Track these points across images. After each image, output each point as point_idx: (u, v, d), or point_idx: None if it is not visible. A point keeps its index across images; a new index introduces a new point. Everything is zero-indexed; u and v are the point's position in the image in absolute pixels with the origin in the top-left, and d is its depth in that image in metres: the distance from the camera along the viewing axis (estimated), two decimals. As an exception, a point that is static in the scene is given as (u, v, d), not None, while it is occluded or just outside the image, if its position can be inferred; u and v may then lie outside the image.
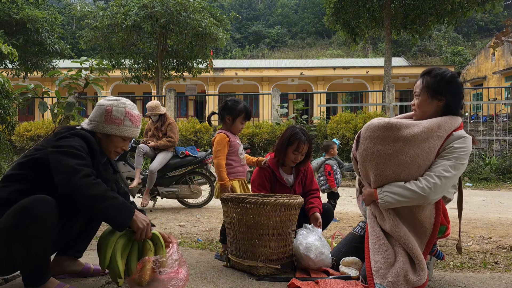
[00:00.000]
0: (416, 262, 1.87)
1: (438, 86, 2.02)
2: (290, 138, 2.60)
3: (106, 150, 2.01)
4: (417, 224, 1.94)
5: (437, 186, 1.84)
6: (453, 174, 1.87)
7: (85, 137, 1.86)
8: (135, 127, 2.03)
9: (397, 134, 1.92)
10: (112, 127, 1.96)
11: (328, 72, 22.96)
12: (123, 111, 1.98)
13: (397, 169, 1.92)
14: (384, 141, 1.94)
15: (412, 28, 13.03)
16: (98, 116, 1.97)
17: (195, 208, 5.27)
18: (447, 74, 2.04)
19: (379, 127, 1.96)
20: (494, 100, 15.21)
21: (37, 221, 1.59)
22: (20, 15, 12.07)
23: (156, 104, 5.22)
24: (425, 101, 2.05)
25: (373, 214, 2.05)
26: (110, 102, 1.99)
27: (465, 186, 8.64)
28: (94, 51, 24.50)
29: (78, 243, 2.09)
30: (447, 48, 34.20)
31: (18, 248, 1.59)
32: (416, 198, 1.86)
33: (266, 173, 2.70)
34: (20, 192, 1.71)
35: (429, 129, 1.93)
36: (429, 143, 1.92)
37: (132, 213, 1.78)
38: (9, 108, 4.51)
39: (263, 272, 2.21)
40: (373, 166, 1.98)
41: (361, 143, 2.04)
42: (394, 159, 1.92)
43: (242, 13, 42.40)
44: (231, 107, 2.72)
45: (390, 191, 1.92)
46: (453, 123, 1.97)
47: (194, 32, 12.02)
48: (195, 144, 10.45)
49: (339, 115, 10.72)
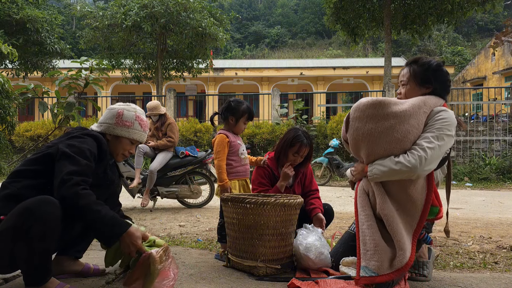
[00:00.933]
0: (395, 242, 1.87)
1: (426, 75, 2.05)
2: (292, 140, 2.61)
3: (114, 152, 2.08)
4: (408, 201, 1.93)
5: (422, 158, 1.82)
6: (437, 145, 1.85)
7: (96, 138, 1.92)
8: (143, 132, 2.12)
9: (387, 110, 1.91)
10: (122, 129, 2.05)
11: (328, 72, 22.96)
12: (133, 114, 2.09)
13: (389, 146, 1.91)
14: (374, 119, 1.93)
15: (412, 28, 13.02)
16: (109, 119, 2.05)
17: (195, 208, 5.27)
18: (433, 63, 2.08)
19: (368, 106, 1.95)
20: (494, 100, 15.21)
21: (41, 222, 1.60)
22: (20, 15, 12.07)
23: (156, 104, 5.22)
24: (413, 89, 2.08)
25: (365, 191, 2.04)
26: (121, 106, 2.10)
27: (465, 186, 8.65)
28: (94, 51, 24.52)
29: (78, 243, 2.10)
30: (447, 48, 34.21)
31: (22, 247, 1.60)
32: (404, 170, 1.84)
33: (266, 172, 2.71)
34: (30, 187, 1.74)
35: (415, 105, 1.94)
36: (417, 119, 1.92)
37: (123, 231, 1.72)
38: (9, 108, 4.51)
39: (263, 272, 2.21)
40: (365, 145, 1.97)
41: (351, 124, 2.03)
42: (385, 137, 1.91)
43: (242, 13, 42.42)
44: (235, 107, 2.73)
45: (379, 163, 1.92)
46: (437, 102, 2.00)
47: (194, 32, 12.02)
48: (195, 144, 10.45)
49: (339, 115, 10.71)
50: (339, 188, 8.27)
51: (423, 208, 1.92)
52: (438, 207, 1.98)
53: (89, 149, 1.83)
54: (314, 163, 8.89)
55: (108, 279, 2.05)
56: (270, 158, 2.75)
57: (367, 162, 2.01)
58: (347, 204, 5.69)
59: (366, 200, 2.01)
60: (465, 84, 24.32)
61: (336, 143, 8.77)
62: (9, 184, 1.76)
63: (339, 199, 6.44)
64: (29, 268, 1.65)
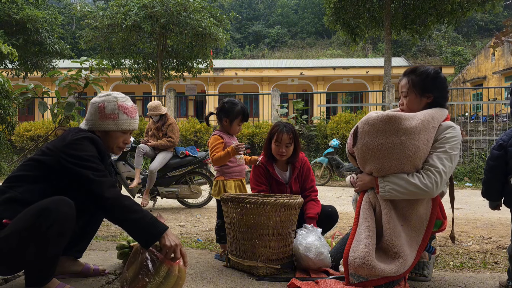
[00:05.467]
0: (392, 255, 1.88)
1: (425, 84, 2.06)
2: (271, 131, 2.64)
3: (108, 147, 2.00)
4: (414, 215, 1.94)
5: (439, 182, 1.86)
6: (450, 166, 1.89)
7: (93, 140, 1.86)
8: (131, 119, 2.01)
9: (397, 126, 1.90)
10: (108, 122, 1.95)
11: (328, 72, 22.94)
12: (115, 105, 1.97)
13: (399, 162, 1.90)
14: (384, 135, 1.92)
15: (412, 28, 13.01)
16: (93, 115, 1.96)
17: (195, 208, 5.27)
18: (431, 71, 2.08)
19: (379, 120, 1.94)
20: (494, 100, 15.21)
21: (59, 222, 1.60)
22: (20, 15, 12.06)
23: (157, 104, 5.22)
24: (414, 99, 2.08)
25: (372, 204, 2.03)
26: (101, 99, 1.98)
27: (465, 186, 8.65)
28: (94, 51, 24.53)
29: (78, 244, 2.09)
30: (447, 48, 34.22)
31: (34, 248, 1.59)
32: (420, 193, 1.87)
33: (261, 170, 2.71)
34: (31, 192, 1.72)
35: (425, 120, 1.94)
36: (427, 135, 1.92)
37: (164, 229, 1.72)
38: (9, 108, 4.51)
39: (263, 272, 2.21)
40: (374, 161, 1.95)
41: (359, 138, 2.00)
42: (395, 153, 1.90)
43: (242, 13, 42.39)
44: (228, 109, 2.71)
45: (392, 182, 1.90)
46: (443, 115, 2.02)
47: (194, 32, 12.02)
48: (195, 144, 10.45)
49: (339, 115, 10.72)
50: (339, 188, 8.27)
51: (428, 223, 1.95)
52: (442, 220, 2.00)
53: (93, 155, 1.81)
54: (314, 163, 8.90)
55: (108, 279, 2.05)
56: (263, 156, 2.76)
57: (376, 175, 1.99)
58: (347, 204, 5.69)
59: (371, 212, 2.00)
60: (465, 84, 24.32)
61: (336, 143, 8.76)
62: (8, 188, 1.74)
63: (339, 199, 6.44)
64: (35, 269, 1.65)
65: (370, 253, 1.85)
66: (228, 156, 2.60)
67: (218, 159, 2.62)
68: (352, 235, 1.98)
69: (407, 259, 1.88)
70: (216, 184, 2.72)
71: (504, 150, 2.10)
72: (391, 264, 1.86)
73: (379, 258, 1.88)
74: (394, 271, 1.84)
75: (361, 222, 1.99)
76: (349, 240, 1.97)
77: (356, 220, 2.03)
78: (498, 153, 2.12)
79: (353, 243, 1.93)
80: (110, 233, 3.52)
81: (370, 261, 1.82)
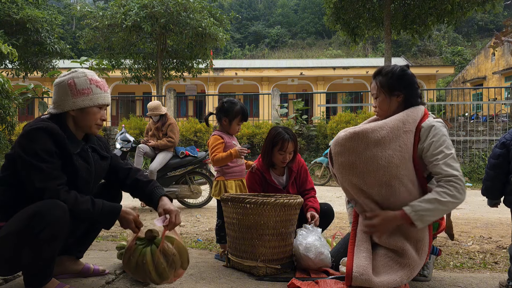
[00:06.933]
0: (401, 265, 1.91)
1: (391, 83, 2.04)
2: (274, 139, 2.59)
3: (86, 126, 1.86)
4: (413, 230, 1.93)
5: (463, 185, 1.84)
6: (458, 166, 1.87)
7: (49, 130, 1.70)
8: (105, 93, 1.88)
9: (366, 140, 1.92)
10: (83, 99, 1.80)
11: (328, 72, 22.94)
12: (86, 79, 1.82)
13: (377, 174, 1.91)
14: (355, 151, 1.94)
15: (412, 28, 13.01)
16: (63, 95, 1.80)
17: (195, 208, 5.27)
18: (396, 69, 2.07)
19: (347, 139, 1.96)
20: (494, 100, 15.21)
21: (51, 226, 1.59)
22: (20, 15, 12.05)
23: (157, 104, 5.22)
24: (384, 100, 2.07)
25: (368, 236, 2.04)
26: (68, 76, 1.82)
27: (465, 186, 8.64)
28: (94, 51, 24.52)
29: (79, 244, 2.09)
30: (447, 48, 34.24)
31: (28, 251, 1.59)
32: (455, 206, 1.85)
33: (257, 177, 2.69)
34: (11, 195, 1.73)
35: (394, 127, 1.93)
36: (399, 141, 1.92)
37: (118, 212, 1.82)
38: (9, 108, 4.51)
39: (263, 272, 2.21)
40: (354, 178, 1.97)
41: (334, 160, 2.03)
42: (370, 166, 1.91)
43: (242, 13, 42.40)
44: (228, 109, 2.70)
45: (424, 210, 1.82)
46: (417, 114, 1.98)
47: (194, 32, 12.01)
48: (195, 144, 10.45)
49: (339, 115, 10.71)
50: (339, 188, 8.27)
51: (429, 229, 1.97)
52: (439, 222, 2.02)
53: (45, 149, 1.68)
54: (314, 163, 8.90)
55: (108, 279, 2.05)
56: (259, 161, 2.73)
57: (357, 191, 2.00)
58: (347, 204, 5.69)
59: (366, 238, 2.02)
60: (465, 84, 24.33)
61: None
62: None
63: (339, 199, 6.44)
64: (32, 270, 1.65)
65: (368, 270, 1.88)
66: (230, 158, 2.60)
67: (219, 160, 2.61)
68: (351, 245, 2.01)
69: (416, 267, 1.92)
70: (216, 184, 2.71)
71: (506, 148, 2.10)
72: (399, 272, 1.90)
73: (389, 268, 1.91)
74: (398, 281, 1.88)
75: (359, 239, 2.03)
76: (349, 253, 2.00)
77: (354, 229, 2.06)
78: (501, 151, 2.13)
79: (355, 254, 1.96)
80: (110, 233, 3.52)
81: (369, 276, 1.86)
